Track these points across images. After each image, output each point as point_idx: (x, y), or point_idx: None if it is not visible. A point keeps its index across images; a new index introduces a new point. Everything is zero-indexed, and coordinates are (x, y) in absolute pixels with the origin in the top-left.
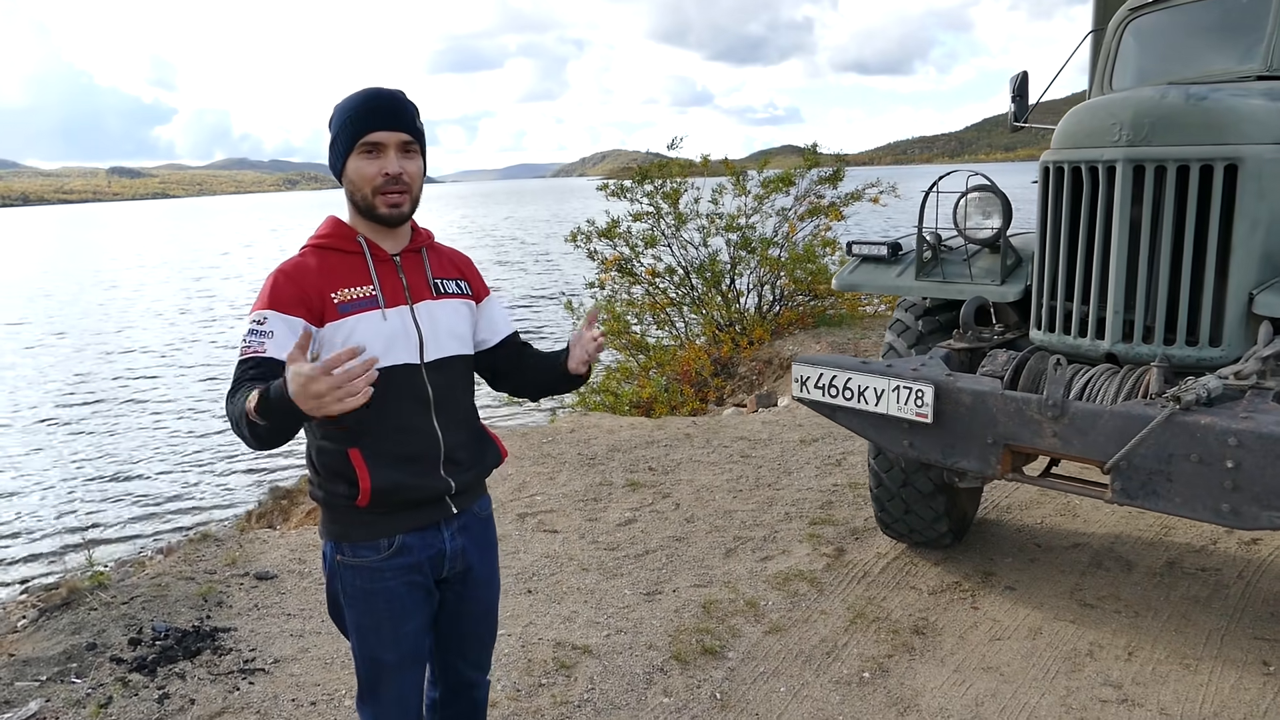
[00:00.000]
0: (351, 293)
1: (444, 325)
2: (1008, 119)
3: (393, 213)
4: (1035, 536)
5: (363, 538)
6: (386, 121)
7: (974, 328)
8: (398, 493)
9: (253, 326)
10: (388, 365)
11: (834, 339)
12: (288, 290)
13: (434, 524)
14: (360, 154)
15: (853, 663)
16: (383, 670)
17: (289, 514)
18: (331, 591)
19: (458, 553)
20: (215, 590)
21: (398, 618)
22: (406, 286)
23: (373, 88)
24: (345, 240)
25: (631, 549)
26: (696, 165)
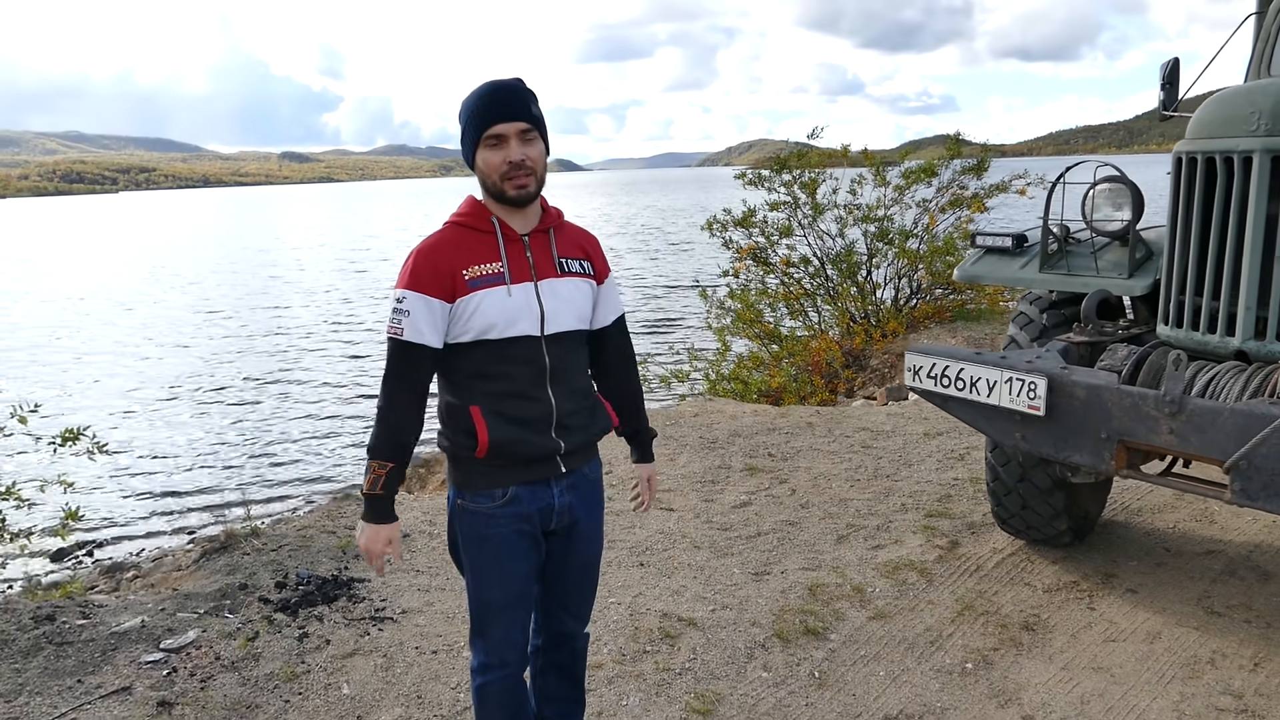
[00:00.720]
0: (481, 269)
1: (565, 301)
2: (1158, 108)
3: (520, 194)
4: (1165, 541)
5: (480, 486)
6: (505, 114)
7: (1095, 321)
8: (511, 448)
9: (395, 305)
10: (510, 336)
11: (971, 333)
12: (426, 269)
13: (544, 480)
14: (486, 146)
15: (956, 653)
16: (491, 609)
17: (425, 481)
18: (451, 532)
19: (565, 508)
20: (353, 544)
21: (506, 561)
22: (533, 264)
23: (491, 82)
24: (480, 219)
25: (744, 530)
26: (838, 155)
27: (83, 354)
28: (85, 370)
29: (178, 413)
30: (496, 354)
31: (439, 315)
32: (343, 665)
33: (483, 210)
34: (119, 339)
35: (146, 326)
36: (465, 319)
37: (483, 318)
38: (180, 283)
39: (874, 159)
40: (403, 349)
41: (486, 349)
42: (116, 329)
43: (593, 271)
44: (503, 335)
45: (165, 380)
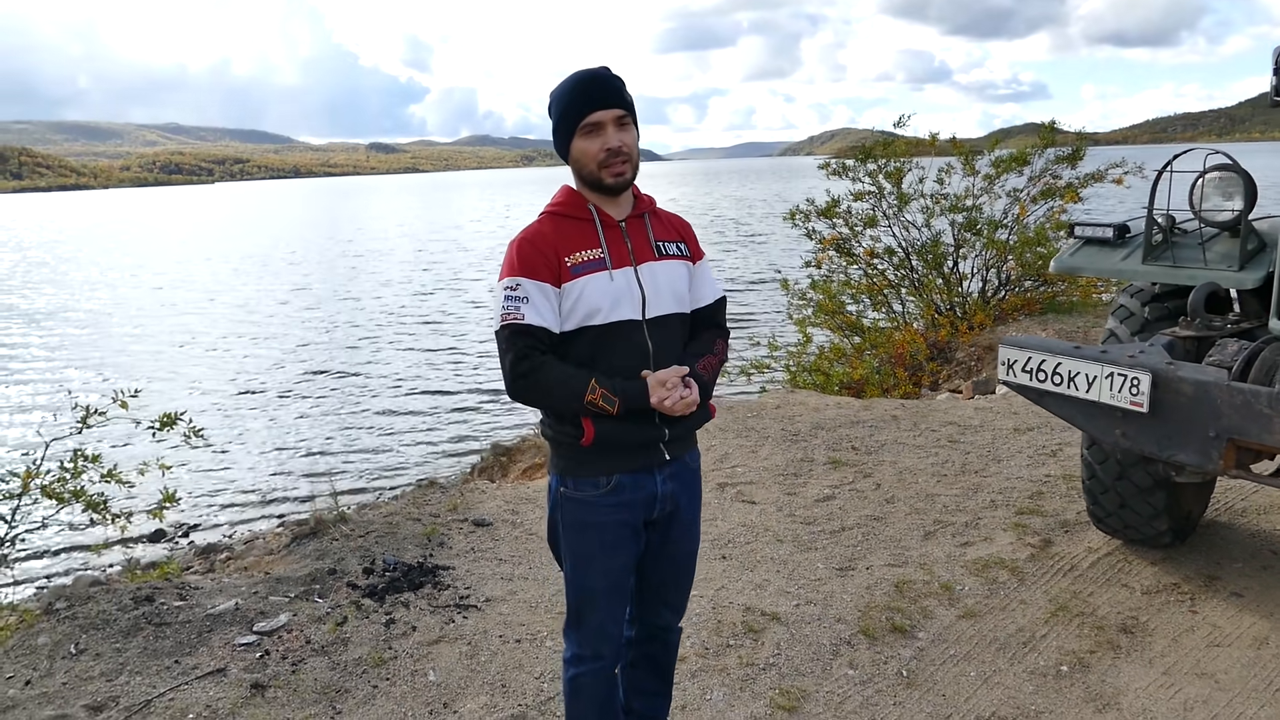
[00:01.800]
0: (582, 255)
1: (664, 284)
2: (1269, 95)
3: (618, 181)
4: (1271, 543)
5: (584, 474)
6: (600, 101)
7: (1203, 315)
8: (617, 436)
9: (508, 293)
10: (613, 321)
11: (1062, 326)
12: (532, 256)
13: (648, 468)
14: (582, 134)
15: (1050, 654)
16: (590, 598)
17: (507, 469)
18: (552, 520)
19: (668, 495)
20: (438, 532)
21: (608, 550)
22: (631, 249)
23: (582, 71)
24: (577, 208)
25: (828, 524)
26: (925, 144)
27: (176, 342)
28: (178, 358)
29: (265, 402)
30: (600, 339)
31: (552, 299)
32: (428, 652)
33: (579, 199)
34: (203, 329)
35: (231, 318)
36: (570, 305)
37: (587, 303)
38: (266, 273)
39: (962, 148)
40: (523, 335)
41: (590, 335)
42: (202, 318)
43: (688, 253)
44: (606, 320)
45: (251, 370)
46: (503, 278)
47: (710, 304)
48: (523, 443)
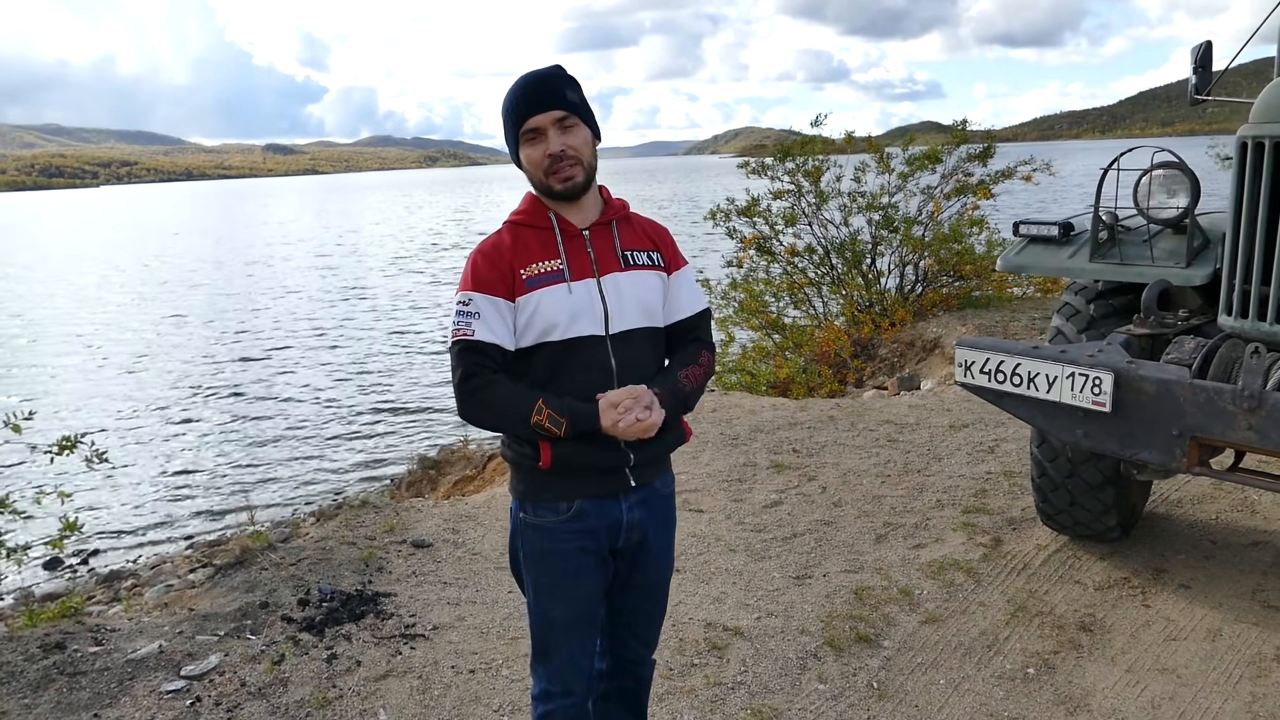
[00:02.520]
0: (539, 267)
1: (630, 296)
2: (1188, 92)
3: (567, 186)
4: (1210, 533)
5: (544, 499)
6: (537, 105)
7: (1156, 313)
8: (577, 460)
9: (460, 308)
10: (572, 337)
11: (981, 321)
12: (486, 271)
13: (612, 494)
14: (525, 142)
15: (1016, 657)
16: (555, 629)
17: (437, 483)
18: (513, 547)
19: (634, 524)
20: (375, 556)
21: (571, 579)
22: (594, 259)
23: (523, 75)
24: (538, 216)
25: (779, 531)
26: (838, 143)
27: (62, 357)
28: (70, 375)
29: (163, 417)
30: (559, 356)
31: (506, 315)
32: (376, 689)
33: (539, 207)
34: (95, 343)
35: (125, 328)
36: (525, 320)
37: (543, 317)
38: (157, 281)
39: (878, 145)
40: (473, 351)
41: (549, 351)
42: (94, 332)
43: (662, 262)
44: (565, 336)
45: (145, 385)
46: (458, 292)
47: (690, 316)
48: (451, 454)
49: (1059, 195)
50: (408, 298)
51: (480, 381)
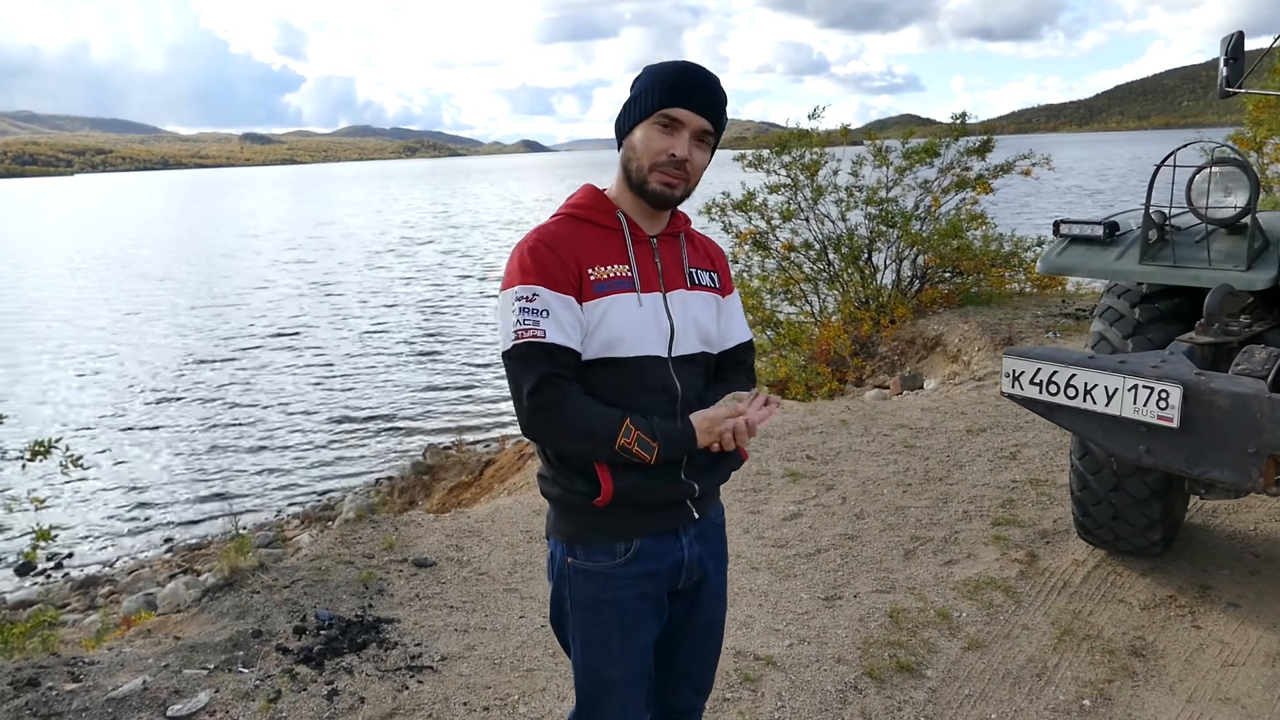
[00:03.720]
0: (608, 271)
1: (694, 318)
2: (1218, 84)
3: (664, 193)
4: (1251, 545)
5: (599, 541)
6: (694, 101)
7: (1222, 320)
8: (641, 494)
9: (522, 305)
10: (638, 355)
11: (983, 319)
12: (552, 263)
13: (673, 530)
14: (654, 124)
15: (1068, 687)
16: (607, 688)
17: (431, 490)
18: (558, 598)
19: (695, 561)
20: (375, 577)
21: (628, 631)
22: (661, 272)
23: (691, 63)
24: (604, 214)
25: (801, 547)
26: (834, 135)
27: (32, 356)
28: (38, 374)
29: (137, 419)
30: (622, 377)
31: (577, 315)
32: None
33: (606, 203)
34: (63, 339)
35: (96, 323)
36: (590, 329)
37: (610, 329)
38: (131, 275)
39: (876, 137)
40: (545, 356)
41: (610, 370)
42: (62, 326)
43: (718, 284)
44: (630, 353)
45: (118, 385)
46: (511, 285)
47: (738, 345)
48: (446, 459)
49: (1039, 189)
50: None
51: (557, 393)
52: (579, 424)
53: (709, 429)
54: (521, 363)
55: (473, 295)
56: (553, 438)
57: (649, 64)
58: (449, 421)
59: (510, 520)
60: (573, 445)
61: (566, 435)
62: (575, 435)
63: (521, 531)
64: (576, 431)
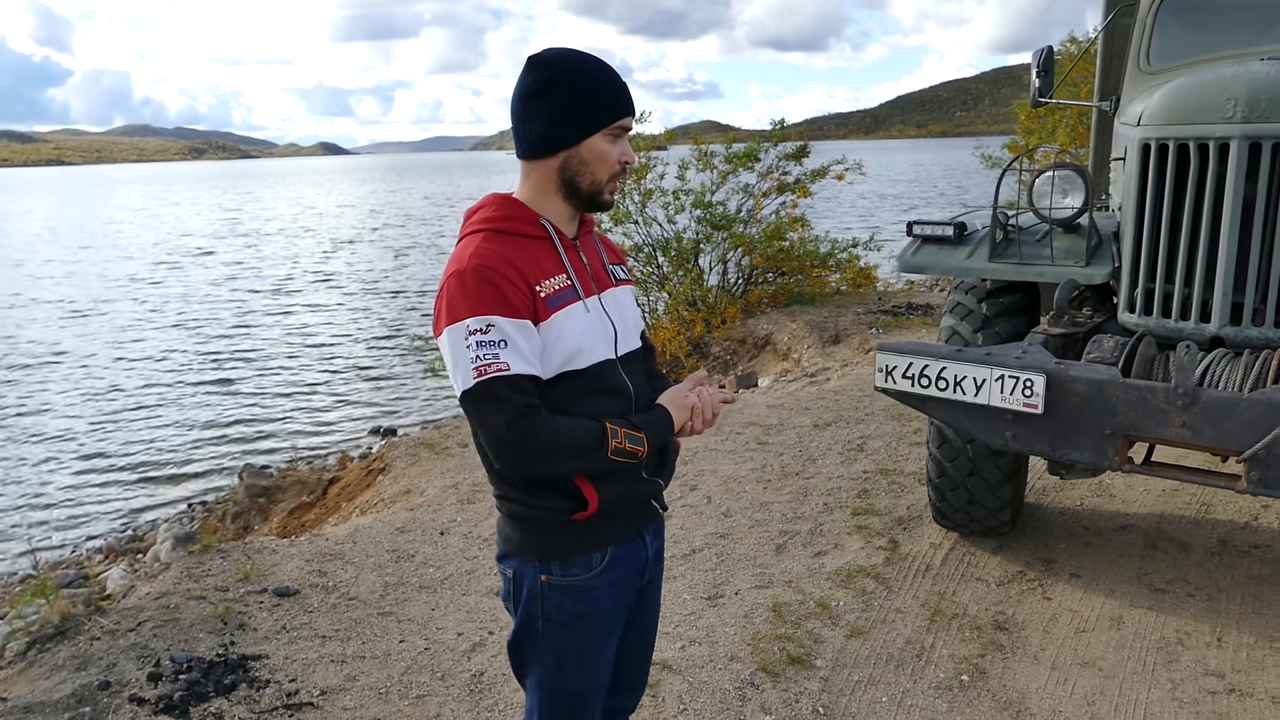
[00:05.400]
0: (553, 284)
1: (629, 314)
2: (1030, 95)
3: (613, 199)
4: (1080, 519)
5: (577, 553)
6: (631, 106)
7: (1070, 312)
8: (623, 499)
9: (479, 338)
10: (594, 363)
11: (810, 317)
12: (502, 285)
13: (639, 530)
14: (608, 135)
15: (946, 665)
16: (578, 705)
17: (268, 513)
18: (528, 619)
19: (654, 558)
20: (233, 611)
21: (602, 642)
22: (592, 275)
23: (605, 62)
24: (529, 224)
25: (676, 548)
26: (658, 140)
27: None
28: None
29: None
30: (584, 386)
31: (534, 340)
32: None
33: (528, 212)
34: None
35: None
36: (549, 348)
37: (569, 342)
38: None
39: (701, 141)
40: (512, 391)
41: (572, 382)
42: None
43: (629, 275)
44: (588, 363)
45: None
46: (460, 318)
47: (646, 336)
48: (283, 479)
49: (839, 195)
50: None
51: (531, 424)
52: (565, 447)
53: (681, 407)
54: (488, 402)
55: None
56: (539, 468)
57: (541, 60)
58: (278, 442)
59: (373, 540)
60: (562, 469)
61: (553, 461)
62: (563, 458)
63: (388, 551)
64: (564, 454)
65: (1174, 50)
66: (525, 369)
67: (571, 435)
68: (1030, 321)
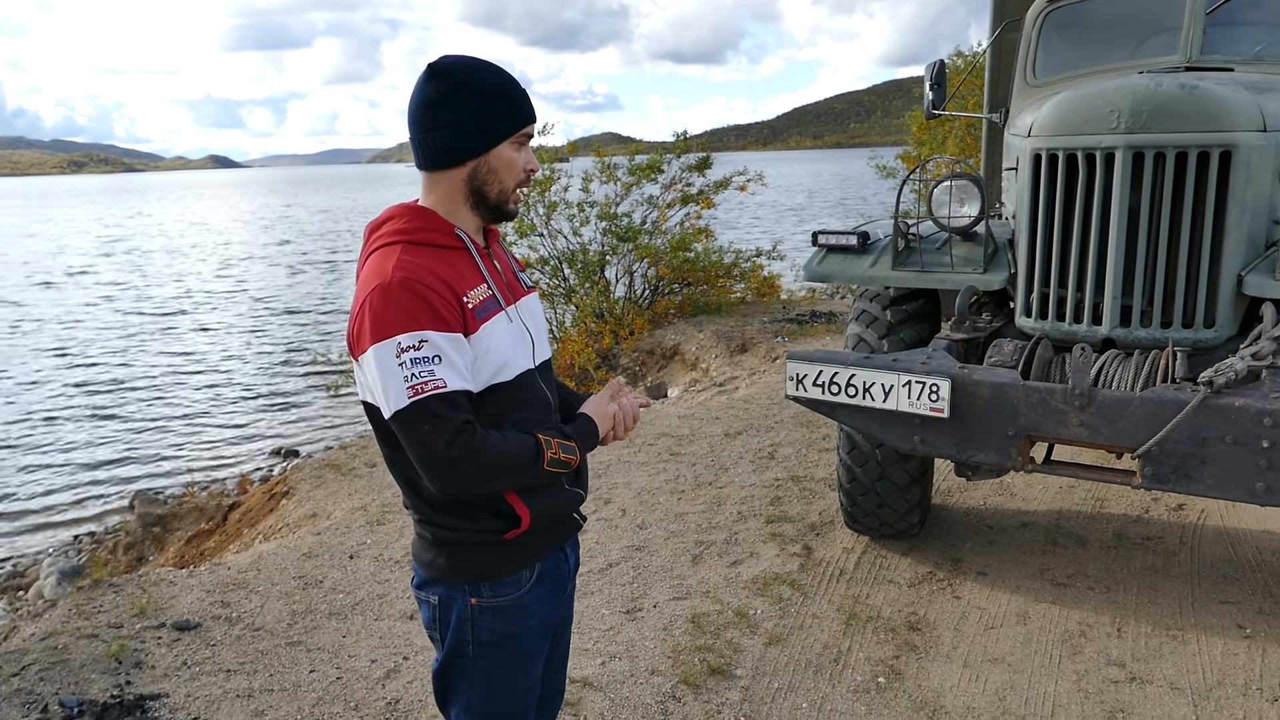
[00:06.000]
0: (478, 294)
1: (539, 322)
2: (925, 108)
3: (518, 209)
4: (984, 518)
5: (507, 572)
6: (534, 112)
7: (970, 317)
8: (554, 513)
9: (411, 355)
10: (518, 374)
11: (715, 327)
12: (432, 298)
13: (564, 543)
14: (515, 144)
15: (863, 668)
16: None
17: (164, 543)
18: (457, 644)
19: (574, 569)
20: (129, 649)
21: (532, 660)
22: (506, 283)
23: (504, 69)
24: (445, 235)
25: (592, 563)
26: (561, 151)
27: None
28: None
29: None
30: (510, 400)
31: (466, 354)
32: None
33: (443, 222)
34: None
35: None
36: (479, 360)
37: (497, 354)
38: None
39: (604, 153)
40: (449, 408)
41: (500, 395)
42: None
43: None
44: (513, 374)
45: None
46: (389, 335)
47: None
48: (179, 506)
49: (741, 206)
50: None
51: (470, 443)
52: (502, 462)
53: (604, 415)
54: (425, 421)
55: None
56: (479, 486)
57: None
58: (172, 467)
59: (279, 567)
60: (500, 484)
61: (495, 478)
62: (502, 474)
63: (294, 578)
64: (504, 470)
65: (1058, 64)
66: (461, 385)
67: (509, 450)
68: (933, 327)
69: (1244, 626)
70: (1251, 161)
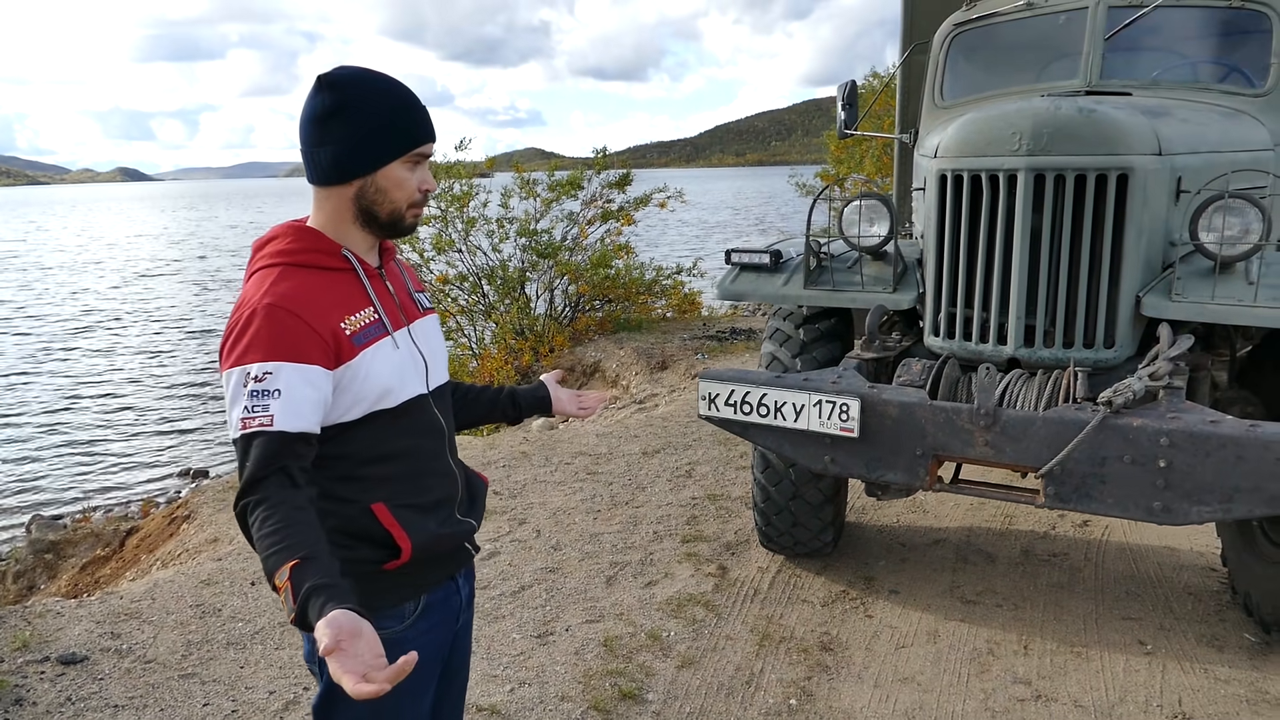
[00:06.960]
0: (359, 319)
1: (436, 345)
2: (838, 127)
3: (415, 225)
4: (897, 536)
5: (389, 604)
6: (431, 131)
7: (881, 336)
8: (437, 544)
9: (252, 387)
10: (405, 400)
11: (637, 344)
12: (295, 328)
13: (452, 574)
14: (408, 163)
15: (775, 690)
16: None
17: (56, 570)
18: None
19: (467, 601)
20: (8, 685)
21: (417, 696)
22: (400, 306)
23: (404, 86)
24: (330, 256)
25: (504, 586)
26: (480, 167)
27: None
28: None
29: None
30: (394, 426)
31: (322, 389)
32: None
33: (329, 243)
34: None
35: None
36: (356, 388)
37: (378, 381)
38: None
39: (523, 169)
40: (267, 450)
41: (381, 422)
42: None
43: (431, 304)
44: (399, 400)
45: None
46: (241, 362)
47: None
48: (73, 532)
49: (664, 223)
50: None
51: (265, 499)
52: (255, 540)
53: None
54: (243, 455)
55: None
56: (244, 531)
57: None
58: (72, 492)
59: (175, 595)
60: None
61: (251, 539)
62: (254, 543)
63: (191, 607)
64: (255, 545)
65: (965, 86)
66: (294, 426)
67: (262, 537)
68: (845, 346)
69: (1145, 643)
70: (1148, 184)
